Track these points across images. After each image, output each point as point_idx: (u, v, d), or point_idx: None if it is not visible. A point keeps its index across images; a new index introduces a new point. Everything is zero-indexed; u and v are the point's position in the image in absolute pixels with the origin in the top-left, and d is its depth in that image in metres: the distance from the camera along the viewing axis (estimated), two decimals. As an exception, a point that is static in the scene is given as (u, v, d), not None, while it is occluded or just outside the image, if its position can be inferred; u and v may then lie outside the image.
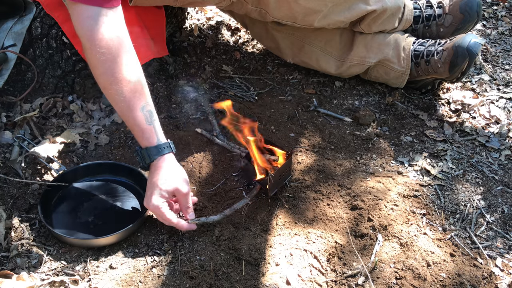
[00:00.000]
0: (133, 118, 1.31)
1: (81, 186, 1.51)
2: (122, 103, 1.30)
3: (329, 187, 1.55)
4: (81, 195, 1.48)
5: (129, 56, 1.31)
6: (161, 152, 1.33)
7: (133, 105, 1.30)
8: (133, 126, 1.33)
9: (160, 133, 1.35)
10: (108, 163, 1.56)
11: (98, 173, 1.54)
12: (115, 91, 1.28)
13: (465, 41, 1.72)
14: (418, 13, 1.92)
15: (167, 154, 1.34)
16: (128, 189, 1.51)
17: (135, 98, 1.30)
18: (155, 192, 1.30)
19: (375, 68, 1.89)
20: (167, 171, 1.32)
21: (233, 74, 2.02)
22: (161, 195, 1.30)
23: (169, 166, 1.33)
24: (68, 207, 1.45)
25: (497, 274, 1.32)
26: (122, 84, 1.28)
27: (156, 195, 1.29)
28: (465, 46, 1.71)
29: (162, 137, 1.35)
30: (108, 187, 1.51)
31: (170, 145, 1.35)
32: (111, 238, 1.33)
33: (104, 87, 1.31)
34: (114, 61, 1.27)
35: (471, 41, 1.71)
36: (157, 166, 1.32)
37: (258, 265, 1.31)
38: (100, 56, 1.25)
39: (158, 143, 1.33)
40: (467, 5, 1.85)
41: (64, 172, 1.50)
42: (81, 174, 1.52)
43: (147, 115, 1.32)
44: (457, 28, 1.88)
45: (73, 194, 1.48)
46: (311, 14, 1.70)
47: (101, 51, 1.25)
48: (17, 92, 1.72)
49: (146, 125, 1.32)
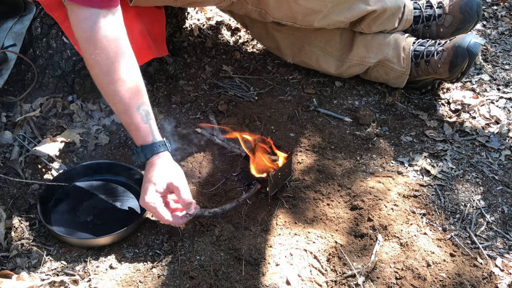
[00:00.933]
0: (129, 117, 1.32)
1: (81, 186, 1.51)
2: (119, 103, 1.31)
3: (329, 187, 1.55)
4: (80, 195, 1.48)
5: (127, 57, 1.31)
6: (157, 150, 1.33)
7: (130, 104, 1.31)
8: (130, 125, 1.34)
9: (156, 131, 1.35)
10: (108, 163, 1.56)
11: (98, 173, 1.54)
12: (112, 91, 1.29)
13: (465, 41, 1.72)
14: (418, 13, 1.92)
15: (163, 152, 1.34)
16: (128, 189, 1.51)
17: (132, 98, 1.31)
18: (150, 188, 1.30)
19: (375, 68, 1.89)
20: (162, 167, 1.32)
21: (233, 74, 2.02)
22: (156, 191, 1.29)
23: (164, 163, 1.33)
24: (67, 207, 1.45)
25: (497, 274, 1.32)
26: (119, 84, 1.28)
27: (150, 191, 1.29)
28: (465, 46, 1.71)
29: (157, 135, 1.35)
30: (108, 187, 1.51)
31: (165, 143, 1.36)
32: (110, 238, 1.33)
33: (101, 87, 1.32)
34: (111, 61, 1.27)
35: (471, 41, 1.71)
36: (152, 164, 1.33)
37: (258, 265, 1.31)
38: (96, 56, 1.26)
39: (153, 141, 1.33)
40: (467, 5, 1.84)
41: (64, 172, 1.50)
42: (81, 173, 1.52)
43: (143, 114, 1.32)
44: (457, 28, 1.88)
45: (73, 193, 1.48)
46: (311, 14, 1.70)
47: (97, 52, 1.26)
48: (17, 92, 1.72)
49: (142, 124, 1.32)
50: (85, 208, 1.44)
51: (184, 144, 1.68)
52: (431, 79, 1.88)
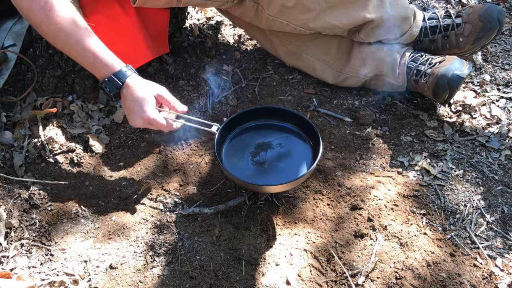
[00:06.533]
0: (91, 52, 1.34)
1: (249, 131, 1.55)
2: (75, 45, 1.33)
3: (329, 187, 1.55)
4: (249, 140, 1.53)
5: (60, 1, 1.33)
6: (128, 74, 1.37)
7: (85, 40, 1.34)
8: (94, 60, 1.36)
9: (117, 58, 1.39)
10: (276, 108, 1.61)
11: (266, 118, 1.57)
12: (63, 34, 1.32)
13: (448, 72, 1.68)
14: (436, 23, 1.84)
15: (133, 73, 1.39)
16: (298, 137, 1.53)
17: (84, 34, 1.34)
18: (146, 103, 1.34)
19: (372, 81, 1.88)
20: (142, 85, 1.37)
21: (233, 74, 2.02)
22: (151, 104, 1.35)
23: (140, 81, 1.38)
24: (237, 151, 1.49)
25: (497, 274, 1.32)
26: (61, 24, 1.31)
27: (150, 106, 1.35)
28: (447, 78, 1.68)
29: (121, 61, 1.39)
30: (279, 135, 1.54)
31: (129, 66, 1.40)
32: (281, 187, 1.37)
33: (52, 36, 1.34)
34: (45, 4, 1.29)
35: (453, 73, 1.68)
36: (129, 86, 1.36)
37: (258, 265, 1.31)
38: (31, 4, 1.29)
39: (121, 67, 1.37)
40: (486, 12, 1.75)
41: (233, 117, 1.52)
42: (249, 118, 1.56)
43: (101, 44, 1.36)
44: (477, 37, 1.78)
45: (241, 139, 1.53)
46: (304, 12, 1.68)
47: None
48: (17, 92, 1.72)
49: (106, 52, 1.36)
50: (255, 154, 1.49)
51: (184, 144, 1.68)
52: None
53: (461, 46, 1.83)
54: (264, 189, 1.43)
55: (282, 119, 1.56)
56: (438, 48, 1.87)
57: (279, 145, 1.50)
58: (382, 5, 1.73)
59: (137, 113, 1.35)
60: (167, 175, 1.58)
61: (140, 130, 1.72)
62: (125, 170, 1.59)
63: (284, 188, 1.38)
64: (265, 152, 1.49)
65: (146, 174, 1.58)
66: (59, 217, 1.42)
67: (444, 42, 1.85)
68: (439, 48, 1.87)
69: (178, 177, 1.57)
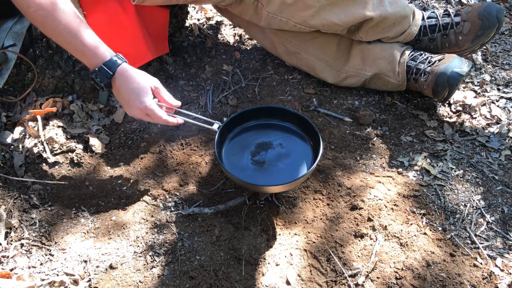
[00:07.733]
0: (81, 41, 1.31)
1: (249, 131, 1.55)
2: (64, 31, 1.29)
3: (329, 187, 1.55)
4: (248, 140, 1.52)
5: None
6: (119, 62, 1.34)
7: (76, 28, 1.30)
8: (83, 49, 1.32)
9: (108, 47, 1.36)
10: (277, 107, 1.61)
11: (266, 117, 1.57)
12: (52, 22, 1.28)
13: (448, 69, 1.68)
14: (434, 22, 1.84)
15: (124, 62, 1.35)
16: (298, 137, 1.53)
17: (75, 22, 1.31)
18: (142, 93, 1.31)
19: (372, 80, 1.88)
20: (136, 75, 1.34)
21: (233, 74, 2.02)
22: (150, 94, 1.33)
23: (133, 71, 1.35)
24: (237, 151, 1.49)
25: (497, 274, 1.32)
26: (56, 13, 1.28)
27: (147, 96, 1.32)
28: (447, 75, 1.68)
29: (111, 50, 1.36)
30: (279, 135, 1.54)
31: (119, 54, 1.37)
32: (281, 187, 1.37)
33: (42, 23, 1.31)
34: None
35: (453, 70, 1.68)
36: (122, 76, 1.33)
37: (258, 265, 1.31)
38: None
39: (111, 56, 1.34)
40: (485, 10, 1.76)
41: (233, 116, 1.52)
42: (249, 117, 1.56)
43: (92, 33, 1.33)
44: (476, 35, 1.79)
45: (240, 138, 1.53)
46: (303, 9, 1.68)
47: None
48: (17, 92, 1.72)
49: (97, 41, 1.33)
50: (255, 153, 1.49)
51: (184, 144, 1.68)
52: None
53: (460, 45, 1.84)
54: (264, 189, 1.43)
55: (282, 119, 1.56)
56: (438, 47, 1.87)
57: (279, 145, 1.50)
58: (381, 4, 1.73)
59: (134, 103, 1.32)
60: (167, 175, 1.58)
61: (140, 130, 1.73)
62: (125, 170, 1.59)
63: (284, 188, 1.38)
64: (265, 152, 1.49)
65: (146, 174, 1.58)
66: (59, 217, 1.42)
67: (443, 41, 1.86)
68: (439, 47, 1.87)
69: (178, 177, 1.57)
